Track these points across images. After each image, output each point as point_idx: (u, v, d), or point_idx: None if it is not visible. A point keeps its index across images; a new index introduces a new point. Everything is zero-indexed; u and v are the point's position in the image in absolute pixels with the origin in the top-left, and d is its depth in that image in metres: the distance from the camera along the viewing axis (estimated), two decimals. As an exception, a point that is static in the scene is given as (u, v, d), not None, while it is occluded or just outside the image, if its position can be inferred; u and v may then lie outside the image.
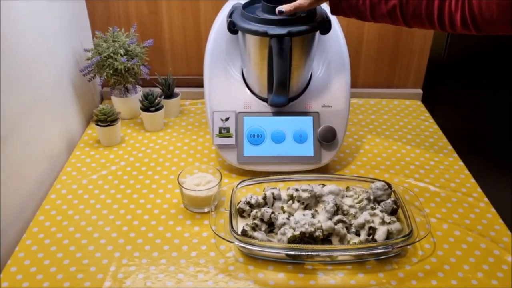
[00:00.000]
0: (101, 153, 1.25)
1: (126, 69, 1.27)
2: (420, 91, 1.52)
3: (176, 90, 1.41)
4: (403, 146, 1.29)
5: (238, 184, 1.04)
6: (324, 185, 1.04)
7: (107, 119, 1.23)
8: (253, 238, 0.91)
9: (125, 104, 1.37)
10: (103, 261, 0.92)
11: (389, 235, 0.92)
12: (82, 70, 1.28)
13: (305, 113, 1.16)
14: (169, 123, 1.38)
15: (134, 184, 1.13)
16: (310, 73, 1.19)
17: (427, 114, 1.45)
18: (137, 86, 1.40)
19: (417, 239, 0.91)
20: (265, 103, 1.16)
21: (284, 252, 0.90)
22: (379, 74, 1.51)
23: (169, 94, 1.39)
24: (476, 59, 1.54)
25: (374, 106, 1.48)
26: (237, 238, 0.90)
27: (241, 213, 0.99)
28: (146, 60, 1.35)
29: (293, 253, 0.89)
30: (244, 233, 0.92)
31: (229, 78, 1.18)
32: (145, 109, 1.31)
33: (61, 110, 1.23)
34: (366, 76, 1.51)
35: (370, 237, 0.92)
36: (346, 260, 0.92)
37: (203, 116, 1.41)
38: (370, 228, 0.92)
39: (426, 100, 1.52)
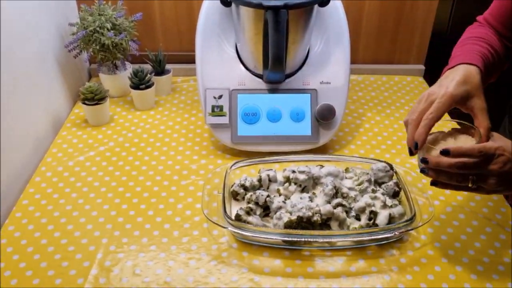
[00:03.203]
0: (88, 133, 1.19)
1: (114, 45, 1.21)
2: (422, 67, 1.47)
3: (168, 66, 1.34)
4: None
5: (232, 166, 0.98)
6: (322, 166, 0.99)
7: (95, 98, 1.17)
8: (248, 223, 0.86)
9: (114, 81, 1.30)
10: (90, 247, 0.87)
11: (390, 219, 0.87)
12: (67, 45, 1.21)
13: (302, 90, 1.10)
14: (160, 101, 1.32)
15: (123, 166, 1.08)
16: (307, 48, 1.13)
17: (430, 91, 1.39)
18: (126, 62, 1.33)
19: (420, 224, 0.86)
20: (260, 80, 1.11)
21: (280, 238, 0.85)
22: (380, 50, 1.45)
23: (160, 71, 1.32)
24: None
25: (374, 83, 1.43)
26: (230, 223, 0.85)
27: (235, 196, 0.94)
28: (135, 35, 1.28)
29: (289, 239, 0.85)
30: (238, 217, 0.87)
31: (222, 53, 1.12)
32: (135, 86, 1.25)
33: (45, 88, 1.17)
34: (366, 52, 1.45)
35: (371, 221, 0.87)
36: (345, 246, 0.88)
37: (196, 94, 1.35)
38: (371, 212, 0.87)
39: (429, 77, 1.46)
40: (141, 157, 1.11)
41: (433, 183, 0.76)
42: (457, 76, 0.77)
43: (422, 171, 0.76)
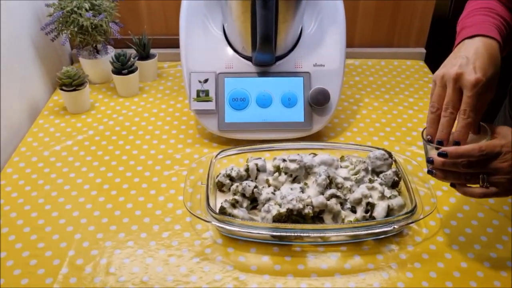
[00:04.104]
0: (67, 121, 1.12)
1: (93, 26, 1.13)
2: (423, 50, 1.39)
3: (153, 51, 1.27)
4: (404, 110, 1.16)
5: (218, 154, 0.91)
6: (315, 155, 0.91)
7: (73, 83, 1.10)
8: (233, 216, 0.79)
9: (95, 66, 1.23)
10: (61, 244, 0.80)
11: (389, 211, 0.80)
12: (44, 27, 1.13)
13: (294, 74, 1.02)
14: (145, 88, 1.25)
15: (102, 156, 1.01)
16: (300, 28, 1.06)
17: (431, 75, 1.32)
18: (109, 46, 1.26)
19: (422, 216, 0.79)
20: (249, 63, 1.03)
21: (268, 232, 0.78)
22: (378, 32, 1.37)
23: (145, 56, 1.25)
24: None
25: (372, 67, 1.35)
26: (214, 217, 0.78)
27: (220, 187, 0.87)
28: (117, 17, 1.20)
29: (278, 234, 0.77)
30: (222, 211, 0.80)
31: (208, 34, 1.05)
32: (117, 71, 1.17)
33: (20, 73, 1.09)
34: (364, 34, 1.37)
35: (368, 214, 0.80)
36: (340, 241, 0.80)
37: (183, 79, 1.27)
38: (368, 203, 0.80)
39: (430, 60, 1.39)
40: (122, 147, 1.04)
41: (452, 185, 0.72)
42: (481, 54, 0.69)
43: (429, 172, 0.72)
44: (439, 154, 0.67)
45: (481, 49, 0.69)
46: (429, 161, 0.70)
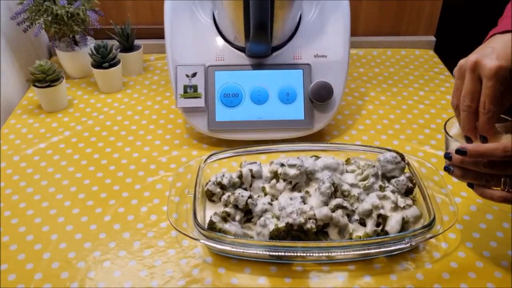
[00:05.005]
0: (41, 121, 1.01)
1: (69, 15, 1.02)
2: (432, 38, 1.29)
3: (138, 42, 1.16)
4: (414, 105, 1.05)
5: (207, 158, 0.80)
6: (317, 158, 0.81)
7: (47, 79, 0.99)
8: (224, 232, 0.69)
9: (74, 59, 1.12)
10: (27, 265, 0.70)
11: (404, 224, 0.69)
12: (14, 17, 1.02)
13: (293, 66, 0.92)
14: (129, 83, 1.14)
15: (78, 160, 0.90)
16: (299, 15, 0.95)
17: (442, 65, 1.22)
18: (88, 37, 1.14)
19: (441, 230, 0.68)
20: (242, 54, 0.93)
21: (265, 252, 0.67)
22: (384, 19, 1.27)
23: (128, 47, 1.14)
24: (496, 1, 1.30)
25: (377, 57, 1.25)
26: (202, 233, 0.68)
27: (210, 196, 0.77)
28: (97, 4, 1.09)
29: (276, 253, 0.67)
30: (211, 225, 0.69)
31: (196, 23, 0.94)
32: (97, 65, 1.06)
33: (-12, 68, 0.98)
34: (368, 21, 1.27)
35: (380, 228, 0.69)
36: (347, 259, 0.70)
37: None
38: (379, 216, 0.69)
39: (440, 50, 1.29)
40: (102, 149, 0.93)
41: (469, 185, 0.63)
42: (507, 45, 0.59)
43: (446, 168, 0.63)
44: (458, 151, 0.59)
45: (508, 42, 0.59)
46: (447, 156, 0.62)
